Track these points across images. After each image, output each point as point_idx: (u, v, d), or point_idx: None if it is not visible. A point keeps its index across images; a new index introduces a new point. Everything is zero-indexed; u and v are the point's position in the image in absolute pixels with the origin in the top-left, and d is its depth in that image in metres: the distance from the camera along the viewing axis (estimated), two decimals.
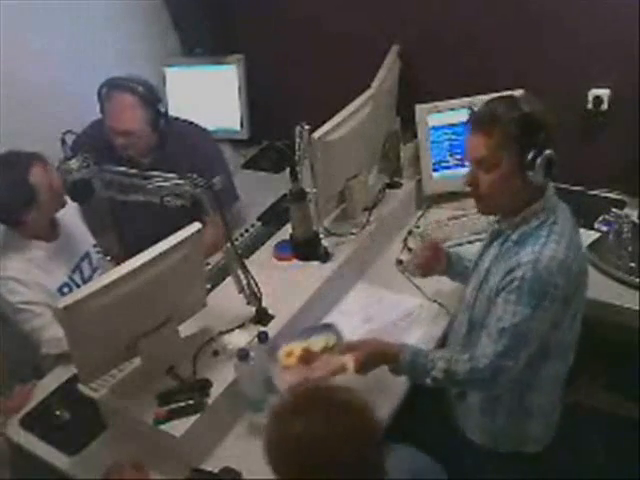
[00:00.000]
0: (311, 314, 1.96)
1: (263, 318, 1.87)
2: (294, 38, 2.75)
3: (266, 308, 1.88)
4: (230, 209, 2.34)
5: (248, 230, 2.44)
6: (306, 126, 2.01)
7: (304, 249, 2.09)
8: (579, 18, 2.18)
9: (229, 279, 1.89)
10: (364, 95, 2.10)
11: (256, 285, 1.84)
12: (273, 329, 1.82)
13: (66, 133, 1.86)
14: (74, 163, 1.84)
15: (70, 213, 2.18)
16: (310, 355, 1.63)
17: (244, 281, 1.83)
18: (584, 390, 2.26)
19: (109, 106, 2.20)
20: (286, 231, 2.19)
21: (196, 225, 1.64)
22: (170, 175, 1.80)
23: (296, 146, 2.05)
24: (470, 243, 2.18)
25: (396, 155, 2.41)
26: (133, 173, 1.86)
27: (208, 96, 2.93)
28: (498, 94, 1.65)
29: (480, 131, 1.50)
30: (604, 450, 2.23)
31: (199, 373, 1.73)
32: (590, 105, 2.27)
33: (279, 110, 2.77)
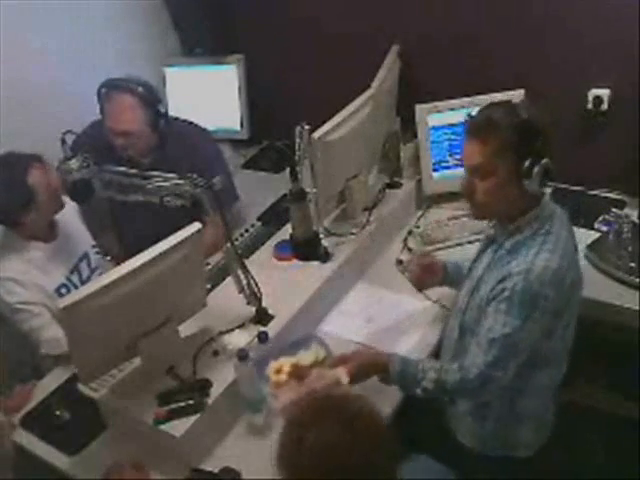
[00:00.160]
0: (311, 314, 1.96)
1: (263, 318, 1.87)
2: (294, 38, 2.75)
3: (266, 308, 1.88)
4: (230, 209, 2.34)
5: (248, 230, 2.44)
6: (306, 126, 2.01)
7: (304, 249, 2.09)
8: (579, 18, 2.18)
9: (229, 279, 1.89)
10: (364, 95, 2.10)
11: (256, 285, 1.84)
12: (273, 329, 1.83)
13: (66, 133, 1.85)
14: (74, 163, 1.83)
15: (69, 214, 2.19)
16: (300, 370, 1.61)
17: (244, 281, 1.83)
18: (584, 390, 2.26)
19: (109, 107, 2.19)
20: (286, 231, 2.19)
21: (196, 225, 1.64)
22: (170, 175, 1.80)
23: (296, 146, 2.05)
24: (470, 243, 2.18)
25: (396, 155, 2.41)
26: (133, 173, 1.86)
27: (208, 96, 2.93)
28: (497, 99, 1.64)
29: (476, 138, 1.48)
30: (603, 450, 2.23)
31: (199, 373, 1.73)
32: (590, 105, 2.27)
33: (279, 110, 2.77)
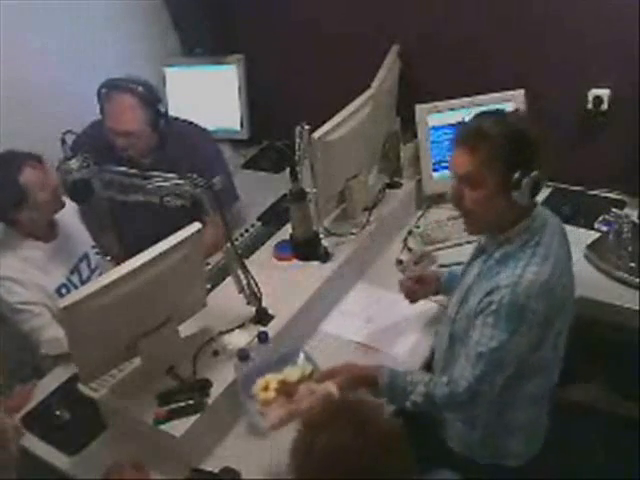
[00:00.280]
0: (311, 314, 1.96)
1: (263, 318, 1.87)
2: (294, 38, 2.75)
3: (266, 308, 1.88)
4: (230, 209, 2.34)
5: (248, 230, 2.44)
6: (306, 126, 2.01)
7: (304, 249, 2.09)
8: (579, 18, 2.17)
9: (229, 279, 1.89)
10: (364, 95, 2.10)
11: (256, 285, 1.84)
12: (273, 329, 1.83)
13: (66, 133, 1.86)
14: (74, 163, 1.84)
15: (69, 214, 2.19)
16: (288, 387, 1.58)
17: (244, 281, 1.83)
18: (583, 390, 2.26)
19: (109, 107, 2.19)
20: (286, 231, 2.19)
21: (196, 225, 1.64)
22: (170, 175, 1.80)
23: (296, 146, 2.05)
24: (470, 243, 2.17)
25: (396, 155, 2.41)
26: (133, 173, 1.86)
27: (208, 96, 2.93)
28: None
29: (465, 146, 1.46)
30: (603, 450, 2.23)
31: (199, 373, 1.73)
32: (590, 105, 2.27)
33: (279, 110, 2.77)
